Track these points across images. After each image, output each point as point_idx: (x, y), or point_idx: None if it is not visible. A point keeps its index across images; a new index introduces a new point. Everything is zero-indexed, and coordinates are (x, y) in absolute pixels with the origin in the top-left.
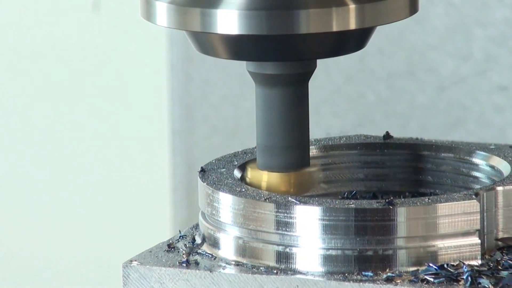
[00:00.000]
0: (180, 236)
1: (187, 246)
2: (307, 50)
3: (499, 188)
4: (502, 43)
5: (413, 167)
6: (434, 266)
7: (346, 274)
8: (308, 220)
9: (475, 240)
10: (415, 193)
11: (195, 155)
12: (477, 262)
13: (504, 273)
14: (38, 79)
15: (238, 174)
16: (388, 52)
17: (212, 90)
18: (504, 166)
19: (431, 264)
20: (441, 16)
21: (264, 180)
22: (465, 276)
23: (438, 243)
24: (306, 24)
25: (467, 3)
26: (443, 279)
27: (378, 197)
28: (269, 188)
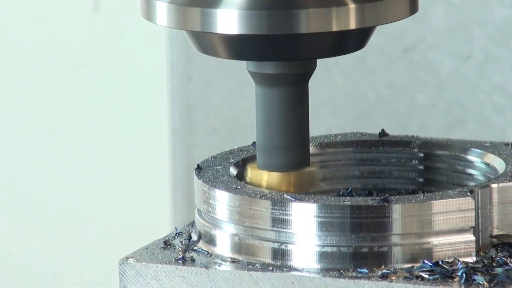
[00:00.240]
0: (176, 233)
1: (183, 243)
2: (307, 50)
3: (494, 185)
4: (502, 43)
5: (408, 164)
6: (429, 263)
7: (342, 271)
8: (304, 217)
9: (470, 237)
10: (411, 190)
11: (195, 155)
12: (471, 259)
13: (499, 270)
14: (38, 79)
15: (234, 171)
16: (388, 52)
17: (212, 90)
18: (499, 164)
19: (426, 261)
20: (441, 16)
21: (264, 180)
22: (459, 273)
23: (433, 240)
24: (306, 23)
25: (467, 3)
26: (438, 276)
27: (374, 194)
28: (269, 188)
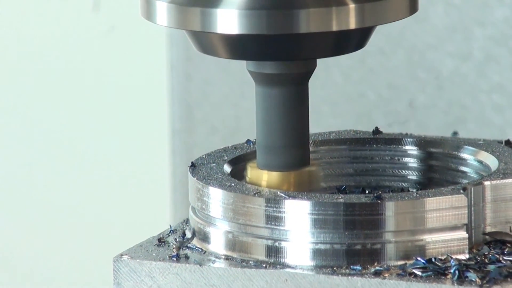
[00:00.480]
0: (171, 230)
1: (177, 241)
2: (307, 50)
3: (487, 183)
4: (502, 43)
5: (402, 162)
6: (422, 260)
7: (335, 268)
8: (298, 215)
9: (463, 234)
10: (404, 188)
11: (195, 155)
12: (464, 256)
13: (491, 267)
14: (38, 79)
15: (228, 169)
16: (388, 52)
17: (212, 90)
18: (491, 161)
19: (419, 258)
20: (441, 16)
21: (264, 180)
22: (452, 270)
23: (426, 237)
24: (306, 23)
25: (467, 3)
26: (431, 273)
27: (368, 192)
28: (269, 187)
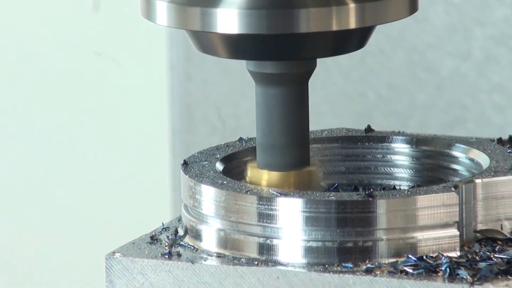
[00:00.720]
0: (163, 228)
1: (169, 238)
2: (307, 49)
3: (478, 181)
4: (502, 43)
5: (394, 160)
6: (413, 258)
7: (327, 266)
8: (290, 212)
9: (454, 232)
10: (396, 185)
11: None
12: (455, 254)
13: (482, 264)
14: (38, 79)
15: (220, 166)
16: (388, 52)
17: (212, 90)
18: (483, 159)
19: (410, 256)
20: (441, 15)
21: (264, 179)
22: (443, 268)
23: (417, 234)
24: (306, 23)
25: (467, 2)
26: (422, 270)
27: (360, 189)
28: (269, 187)
